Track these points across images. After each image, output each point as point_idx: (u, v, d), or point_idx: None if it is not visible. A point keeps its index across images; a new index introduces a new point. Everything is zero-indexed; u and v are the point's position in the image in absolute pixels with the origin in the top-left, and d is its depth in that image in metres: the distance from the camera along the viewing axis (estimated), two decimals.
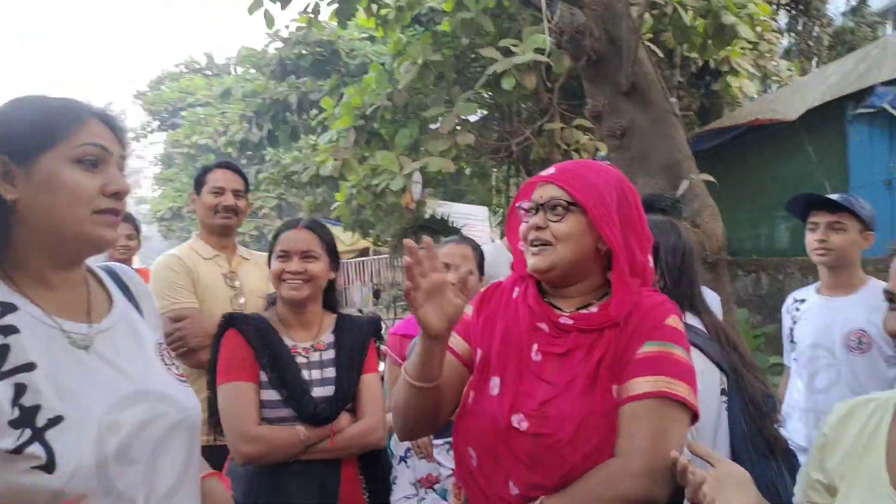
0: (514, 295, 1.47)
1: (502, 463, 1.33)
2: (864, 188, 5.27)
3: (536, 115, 7.39)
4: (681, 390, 1.26)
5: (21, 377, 0.98)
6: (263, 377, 1.88)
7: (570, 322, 1.35)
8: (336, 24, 6.69)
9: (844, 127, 5.50)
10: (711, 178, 3.80)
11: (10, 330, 1.01)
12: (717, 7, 5.68)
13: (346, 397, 1.95)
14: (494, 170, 10.05)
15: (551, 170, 1.42)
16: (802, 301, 2.53)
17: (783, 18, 8.99)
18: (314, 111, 8.35)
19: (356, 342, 2.02)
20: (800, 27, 8.92)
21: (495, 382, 1.37)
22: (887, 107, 4.79)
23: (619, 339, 1.31)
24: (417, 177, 6.46)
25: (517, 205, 1.46)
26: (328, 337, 2.02)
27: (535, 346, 1.36)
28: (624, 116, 3.88)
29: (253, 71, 10.69)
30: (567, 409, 1.28)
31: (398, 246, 9.90)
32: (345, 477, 1.94)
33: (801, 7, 8.68)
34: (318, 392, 1.91)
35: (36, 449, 0.95)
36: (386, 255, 12.32)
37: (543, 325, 1.37)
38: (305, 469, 1.86)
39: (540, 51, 5.12)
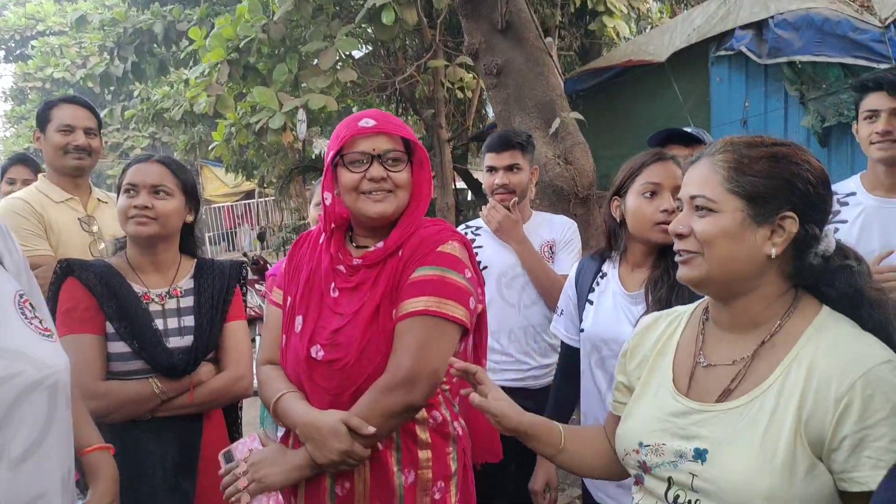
0: (321, 241, 1.59)
1: (308, 393, 1.48)
2: (724, 126, 5.65)
3: (421, 52, 7.27)
4: (447, 308, 1.41)
5: None
6: (110, 328, 1.74)
7: (359, 262, 1.50)
8: None
9: (707, 68, 5.81)
10: (581, 117, 3.93)
11: None
12: None
13: (207, 347, 1.84)
14: (382, 108, 9.87)
15: (371, 118, 1.49)
16: None
17: None
18: (184, 42, 7.73)
19: (218, 288, 1.91)
20: None
21: (299, 321, 1.52)
22: (744, 49, 5.09)
23: (397, 267, 1.47)
24: (302, 115, 6.20)
25: (342, 156, 1.50)
26: (186, 283, 1.90)
27: (332, 285, 1.51)
28: (500, 54, 3.90)
29: None
30: (353, 336, 1.43)
31: (284, 187, 9.59)
32: (208, 432, 1.85)
33: None
34: (174, 342, 1.80)
35: None
36: (272, 197, 11.91)
37: (341, 267, 1.52)
38: (163, 425, 1.75)
39: None
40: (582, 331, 1.97)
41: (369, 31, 7.42)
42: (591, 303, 1.95)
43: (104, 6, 10.15)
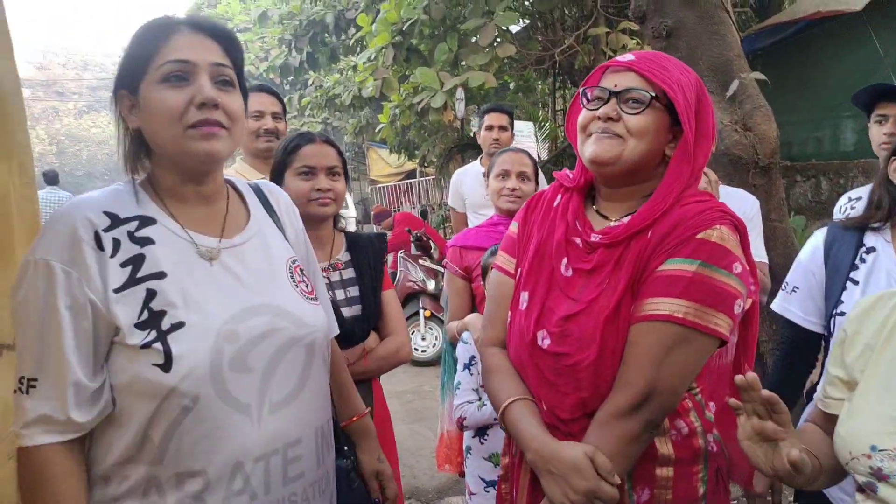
0: (556, 204, 1.38)
1: (531, 380, 1.30)
2: None
3: (581, 21, 7.05)
4: (703, 318, 1.12)
5: (152, 283, 1.09)
6: None
7: (598, 238, 1.25)
8: None
9: None
10: (763, 77, 3.60)
11: (146, 241, 1.12)
12: None
13: (375, 315, 1.93)
14: (539, 83, 9.73)
15: (629, 56, 1.26)
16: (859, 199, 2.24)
17: None
18: (352, 30, 8.17)
19: (372, 260, 1.99)
20: None
21: (524, 297, 1.33)
22: None
23: (643, 252, 1.19)
24: (460, 94, 6.32)
25: (582, 90, 1.32)
26: (344, 255, 1.98)
27: (564, 261, 1.29)
28: (669, 15, 3.67)
29: None
30: (589, 330, 1.20)
31: (443, 166, 9.85)
32: (376, 396, 1.95)
33: None
34: (345, 312, 1.88)
35: (157, 348, 1.05)
36: (433, 176, 12.28)
37: (577, 240, 1.29)
38: None
39: None
40: (841, 314, 1.65)
41: (527, 3, 7.34)
42: (856, 283, 1.65)
43: (283, 1, 11.00)
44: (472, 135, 9.67)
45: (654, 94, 1.21)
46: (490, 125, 3.80)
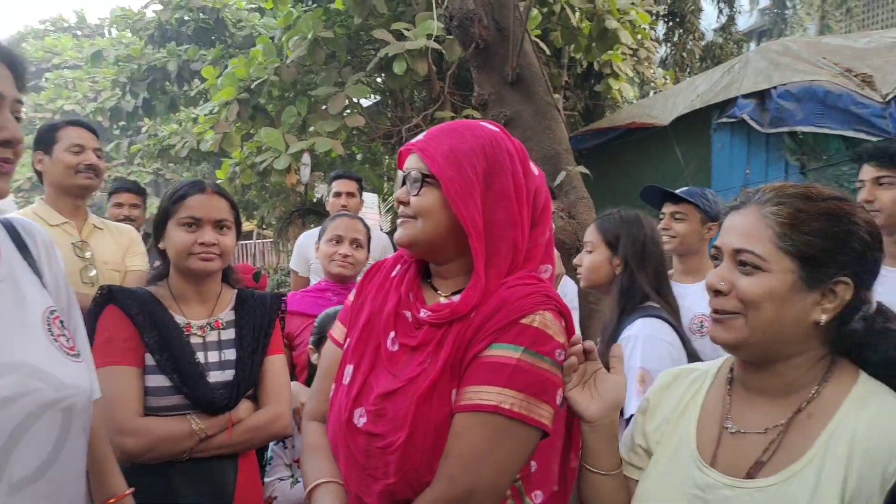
0: (394, 274, 1.33)
1: (341, 462, 1.22)
2: (725, 192, 5.69)
3: (428, 103, 7.39)
4: (528, 409, 1.08)
5: None
6: (149, 360, 1.63)
7: (426, 315, 1.20)
8: None
9: (710, 134, 5.91)
10: (586, 171, 3.96)
11: None
12: (602, 11, 5.93)
13: (248, 382, 1.73)
14: (386, 156, 9.96)
15: (421, 136, 1.26)
16: None
17: (661, 29, 9.57)
18: (196, 81, 7.87)
19: (260, 320, 1.81)
20: (675, 39, 9.54)
21: (348, 371, 1.26)
22: (746, 118, 5.18)
23: (463, 334, 1.14)
24: (306, 158, 6.26)
25: (399, 172, 1.33)
26: (228, 314, 1.79)
27: (392, 334, 1.23)
28: (508, 106, 3.95)
29: (129, 34, 9.93)
30: (402, 409, 1.13)
31: (283, 229, 9.59)
32: (242, 473, 1.71)
33: (677, 20, 9.27)
34: (215, 376, 1.68)
35: None
36: (270, 239, 11.91)
37: (407, 313, 1.23)
38: (196, 466, 1.62)
39: (431, 37, 5.11)
40: None
41: (379, 80, 7.57)
42: None
43: (121, 43, 10.38)
44: (314, 200, 9.59)
45: (425, 173, 1.19)
46: (339, 192, 3.80)
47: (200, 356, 1.69)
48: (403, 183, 1.25)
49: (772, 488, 0.99)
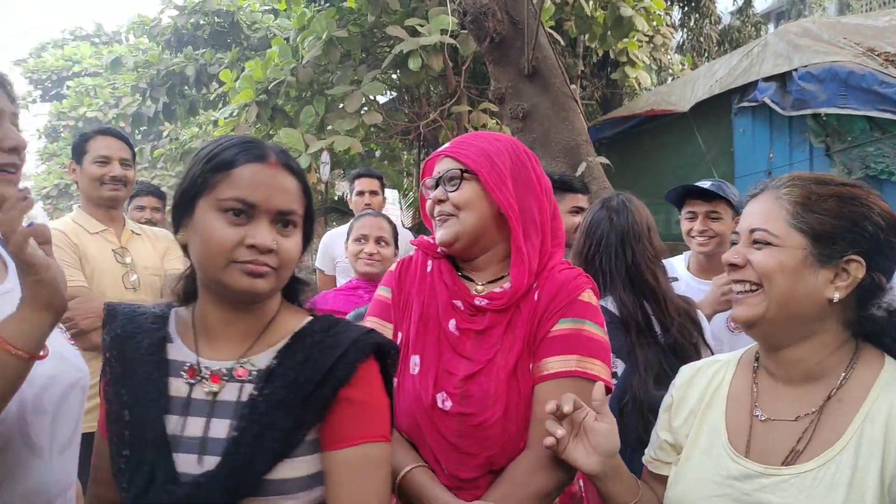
0: (429, 269, 1.43)
1: (429, 445, 1.29)
2: (748, 177, 5.63)
3: (445, 98, 7.40)
4: (593, 368, 1.25)
5: None
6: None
7: (485, 303, 1.32)
8: None
9: (731, 119, 5.85)
10: (607, 161, 3.94)
11: None
12: None
13: (244, 484, 0.95)
14: (404, 152, 10.00)
15: (448, 144, 1.42)
16: (674, 280, 2.40)
17: (676, 14, 9.46)
18: (214, 85, 7.96)
19: (311, 373, 1.00)
20: (692, 24, 9.42)
21: (415, 361, 1.34)
22: (768, 101, 5.12)
23: (534, 315, 1.30)
24: (326, 157, 6.31)
25: (422, 183, 1.47)
26: (266, 357, 1.04)
27: (452, 322, 1.34)
28: (526, 99, 3.95)
29: (146, 40, 10.06)
30: (491, 389, 1.25)
31: None
32: None
33: (692, 4, 9.16)
34: (183, 462, 0.97)
35: None
36: None
37: (459, 303, 1.35)
38: None
39: (446, 32, 5.11)
40: None
41: (395, 76, 7.60)
42: None
43: (138, 50, 10.51)
44: (335, 198, 9.65)
45: (462, 169, 1.34)
46: (361, 190, 3.83)
47: (177, 424, 1.00)
48: (436, 187, 1.38)
49: (810, 473, 1.00)
